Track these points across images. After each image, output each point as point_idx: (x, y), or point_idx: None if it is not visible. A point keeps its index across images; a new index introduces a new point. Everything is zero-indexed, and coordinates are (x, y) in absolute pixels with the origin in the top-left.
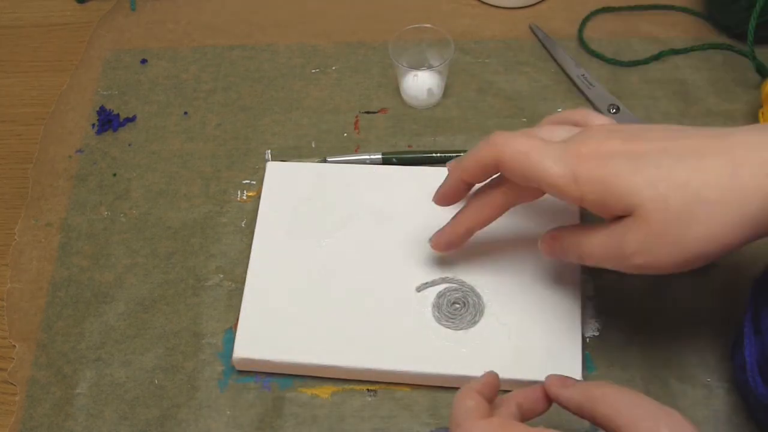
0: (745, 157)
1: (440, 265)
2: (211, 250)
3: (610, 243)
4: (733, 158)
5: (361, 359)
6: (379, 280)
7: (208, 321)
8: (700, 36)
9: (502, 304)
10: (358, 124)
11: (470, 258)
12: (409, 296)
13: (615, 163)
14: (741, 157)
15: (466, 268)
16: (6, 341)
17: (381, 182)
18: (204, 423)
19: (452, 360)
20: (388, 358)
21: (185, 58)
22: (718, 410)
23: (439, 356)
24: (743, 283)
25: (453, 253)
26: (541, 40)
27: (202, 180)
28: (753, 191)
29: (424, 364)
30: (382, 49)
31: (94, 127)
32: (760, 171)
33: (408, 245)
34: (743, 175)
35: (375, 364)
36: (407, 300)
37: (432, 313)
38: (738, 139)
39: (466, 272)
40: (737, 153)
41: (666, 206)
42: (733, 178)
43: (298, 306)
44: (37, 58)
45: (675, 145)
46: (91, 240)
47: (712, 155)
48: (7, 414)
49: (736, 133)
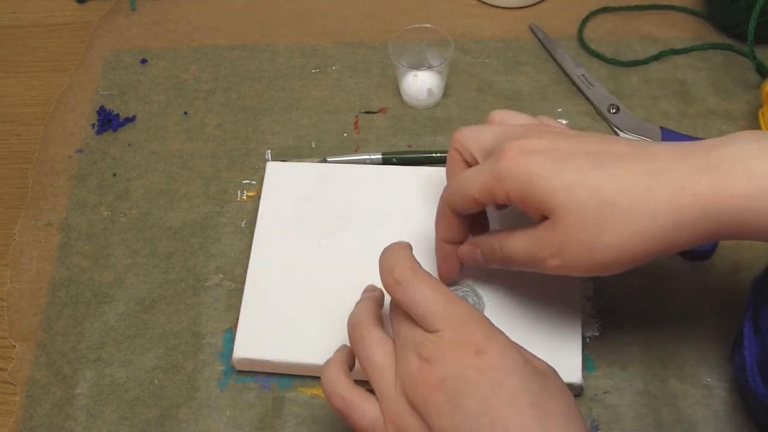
0: (662, 170)
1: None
2: (211, 250)
3: (529, 247)
4: (651, 169)
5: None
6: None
7: (208, 321)
8: (700, 36)
9: (501, 304)
10: (358, 124)
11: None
12: None
13: (538, 160)
14: (658, 169)
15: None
16: (6, 341)
17: (381, 182)
18: (204, 423)
19: None
20: None
21: (185, 58)
22: (718, 410)
23: None
24: (743, 283)
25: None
26: (541, 40)
27: (202, 180)
28: (665, 204)
29: None
30: (382, 49)
31: (94, 127)
32: (675, 184)
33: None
34: (658, 187)
35: None
36: None
37: None
38: (659, 151)
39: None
40: (657, 164)
41: (580, 210)
42: (648, 189)
43: (298, 306)
44: (37, 58)
45: (599, 150)
46: (91, 240)
47: (631, 164)
48: (7, 414)
49: (660, 146)
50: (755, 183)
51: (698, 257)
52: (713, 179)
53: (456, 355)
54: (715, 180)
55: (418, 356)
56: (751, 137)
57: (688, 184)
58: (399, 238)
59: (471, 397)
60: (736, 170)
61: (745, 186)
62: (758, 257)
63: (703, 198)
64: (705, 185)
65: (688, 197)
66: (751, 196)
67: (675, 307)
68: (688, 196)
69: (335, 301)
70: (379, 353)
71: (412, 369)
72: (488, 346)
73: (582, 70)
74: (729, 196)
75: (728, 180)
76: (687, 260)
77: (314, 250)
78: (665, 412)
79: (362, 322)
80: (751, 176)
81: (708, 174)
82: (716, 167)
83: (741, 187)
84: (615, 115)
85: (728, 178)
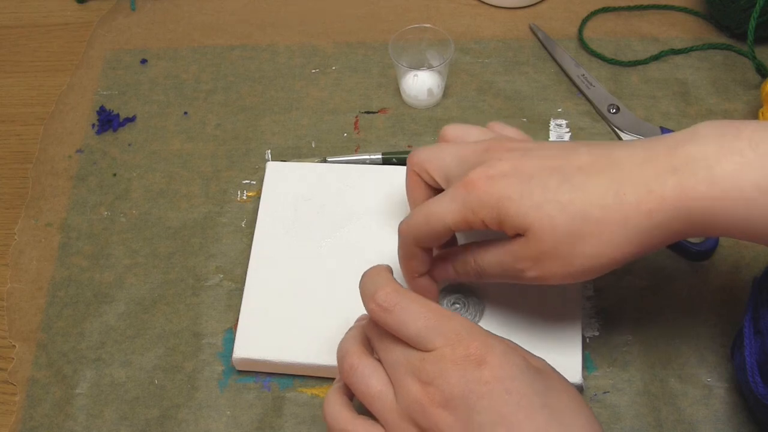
0: (628, 175)
1: None
2: (211, 250)
3: (505, 260)
4: (616, 177)
5: None
6: None
7: (208, 321)
8: (700, 36)
9: (501, 305)
10: (358, 124)
11: None
12: None
13: (505, 185)
14: (623, 175)
15: None
16: (6, 341)
17: (381, 182)
18: (204, 423)
19: None
20: None
21: (185, 58)
22: (718, 410)
23: None
24: (743, 283)
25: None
26: (541, 40)
27: (202, 180)
28: (635, 209)
29: None
30: (382, 49)
31: (94, 127)
32: (642, 189)
33: None
34: (625, 194)
35: None
36: None
37: None
38: (622, 155)
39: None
40: (621, 172)
41: (553, 226)
42: (616, 196)
43: (298, 306)
44: (37, 58)
45: (564, 164)
46: (91, 240)
47: (596, 173)
48: (7, 414)
49: (621, 148)
50: (717, 185)
51: (698, 257)
52: (678, 181)
53: (458, 371)
54: (679, 182)
55: (418, 381)
56: (712, 132)
57: (654, 187)
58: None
59: (481, 411)
60: (698, 172)
61: (708, 188)
62: (758, 257)
63: (670, 200)
64: (671, 188)
65: (656, 200)
66: (714, 198)
67: (675, 307)
68: (655, 199)
69: (335, 301)
70: (374, 381)
71: (415, 394)
72: (488, 355)
73: (582, 70)
74: (695, 197)
75: (692, 182)
76: (687, 260)
77: (314, 250)
78: (665, 412)
79: (350, 352)
80: (714, 179)
81: (673, 176)
82: (680, 168)
83: (704, 189)
84: (615, 115)
85: (692, 179)
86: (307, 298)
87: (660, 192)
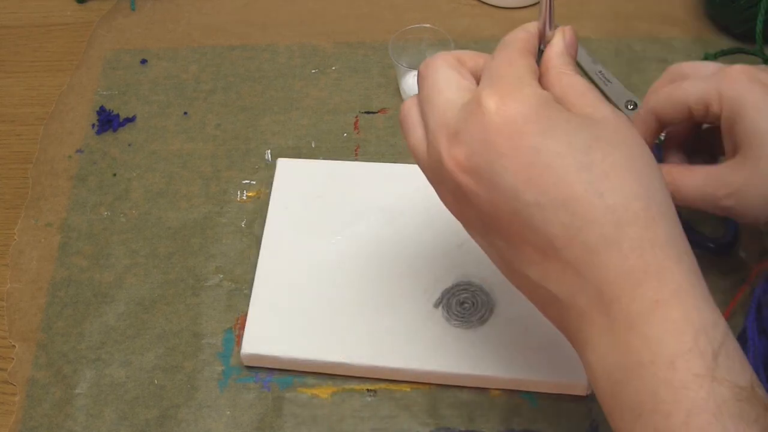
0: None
1: (449, 263)
2: (211, 250)
3: (707, 184)
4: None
5: (370, 356)
6: (388, 277)
7: (208, 321)
8: (700, 36)
9: (510, 302)
10: (358, 124)
11: (479, 256)
12: (419, 294)
13: (758, 89)
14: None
15: (476, 266)
16: (6, 341)
17: (391, 179)
18: (204, 423)
19: (462, 358)
20: (397, 356)
21: (185, 58)
22: None
23: (449, 354)
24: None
25: (462, 252)
26: None
27: (202, 180)
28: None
29: (434, 363)
30: (382, 49)
31: (94, 127)
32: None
33: (418, 243)
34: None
35: (384, 361)
36: (417, 298)
37: (441, 312)
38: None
39: (476, 271)
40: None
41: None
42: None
43: (307, 303)
44: (37, 58)
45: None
46: (91, 240)
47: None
48: (7, 414)
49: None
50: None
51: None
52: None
53: (479, 119)
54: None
55: (446, 133)
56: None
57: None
58: (409, 235)
59: (502, 173)
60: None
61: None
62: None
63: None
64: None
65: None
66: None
67: None
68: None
69: (344, 298)
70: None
71: (441, 149)
72: (516, 104)
73: (599, 66)
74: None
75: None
76: (711, 254)
77: (323, 247)
78: None
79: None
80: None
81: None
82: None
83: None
84: (632, 111)
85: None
86: (316, 294)
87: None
